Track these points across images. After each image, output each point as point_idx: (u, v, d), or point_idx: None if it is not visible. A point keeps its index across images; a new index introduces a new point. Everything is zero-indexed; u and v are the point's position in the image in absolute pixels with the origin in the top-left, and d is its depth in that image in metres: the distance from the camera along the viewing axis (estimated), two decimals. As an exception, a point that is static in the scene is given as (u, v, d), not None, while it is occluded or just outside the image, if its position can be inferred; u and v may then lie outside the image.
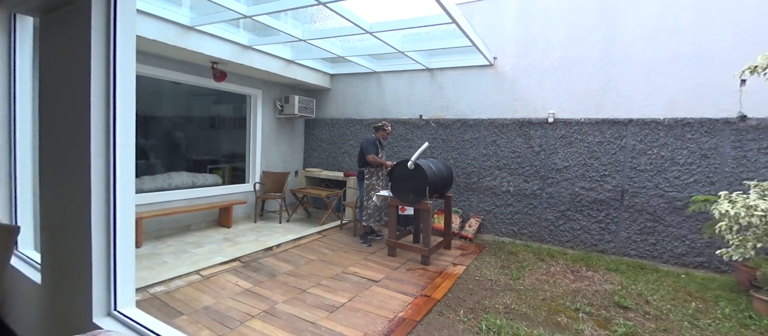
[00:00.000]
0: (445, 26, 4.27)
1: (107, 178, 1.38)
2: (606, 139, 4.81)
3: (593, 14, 4.80)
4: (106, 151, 1.39)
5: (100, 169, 1.36)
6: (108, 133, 1.39)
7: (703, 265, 4.36)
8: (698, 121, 4.32)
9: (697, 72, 4.30)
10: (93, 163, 1.35)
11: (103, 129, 1.38)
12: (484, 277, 3.98)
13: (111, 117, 1.40)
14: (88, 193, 1.32)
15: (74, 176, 1.39)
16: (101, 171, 1.37)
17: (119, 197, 1.41)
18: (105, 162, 1.38)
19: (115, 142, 1.40)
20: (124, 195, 1.43)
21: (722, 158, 4.23)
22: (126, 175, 1.44)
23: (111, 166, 1.39)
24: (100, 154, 1.36)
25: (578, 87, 4.93)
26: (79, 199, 1.36)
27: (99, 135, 1.37)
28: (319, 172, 6.75)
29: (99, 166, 1.36)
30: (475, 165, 5.70)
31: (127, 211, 1.44)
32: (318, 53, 5.73)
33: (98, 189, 1.35)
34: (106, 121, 1.39)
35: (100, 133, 1.38)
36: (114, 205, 1.39)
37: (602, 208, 4.87)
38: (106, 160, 1.38)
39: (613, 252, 4.82)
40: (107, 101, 1.38)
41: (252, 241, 5.05)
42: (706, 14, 4.22)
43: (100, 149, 1.37)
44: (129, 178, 1.46)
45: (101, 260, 1.38)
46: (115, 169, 1.39)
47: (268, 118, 6.57)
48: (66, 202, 1.47)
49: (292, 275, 3.82)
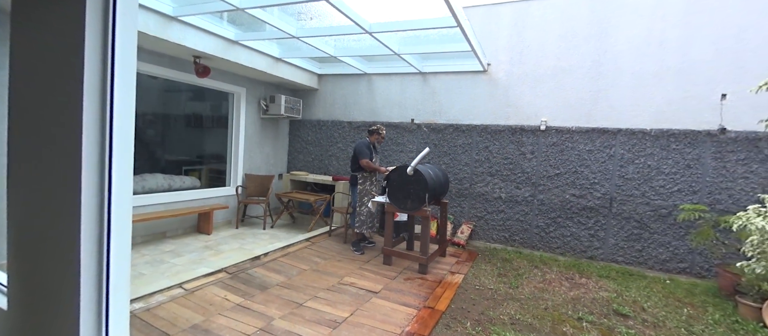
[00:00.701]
0: (447, 30, 4.20)
1: (101, 181, 1.13)
2: (596, 147, 4.92)
3: (585, 25, 4.90)
4: (100, 150, 1.14)
5: (92, 171, 1.11)
6: (104, 130, 1.14)
7: (686, 270, 4.54)
8: (682, 132, 4.50)
9: (682, 85, 4.48)
10: (84, 164, 1.09)
11: (97, 126, 1.13)
12: (483, 286, 3.92)
13: (107, 112, 1.15)
14: (78, 199, 1.06)
15: (59, 180, 1.13)
16: (94, 173, 1.11)
17: (115, 204, 1.16)
18: (99, 163, 1.13)
19: (111, 140, 1.15)
20: (121, 201, 1.18)
21: (704, 168, 4.43)
22: (123, 178, 1.19)
23: (106, 168, 1.14)
24: (93, 153, 1.11)
25: (570, 96, 5.02)
26: (65, 206, 1.09)
27: (92, 132, 1.12)
28: (305, 175, 6.49)
29: (91, 168, 1.11)
30: (467, 171, 5.67)
31: (123, 220, 1.19)
32: (308, 52, 5.50)
33: (90, 193, 1.10)
34: (101, 117, 1.14)
35: (94, 131, 1.13)
36: (108, 213, 1.15)
37: (592, 216, 4.97)
38: (101, 160, 1.13)
39: (601, 258, 4.93)
40: (103, 94, 1.13)
41: (236, 249, 4.72)
42: (691, 30, 4.41)
43: (93, 149, 1.11)
44: (126, 181, 1.21)
45: (92, 279, 1.13)
46: (111, 171, 1.15)
47: (252, 118, 6.23)
48: (45, 210, 1.20)
49: (286, 287, 3.58)
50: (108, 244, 1.12)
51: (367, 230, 4.81)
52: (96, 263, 1.10)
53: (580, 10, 4.92)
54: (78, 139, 1.04)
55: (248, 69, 5.35)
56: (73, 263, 1.09)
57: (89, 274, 1.11)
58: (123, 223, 1.16)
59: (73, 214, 1.05)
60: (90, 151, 1.07)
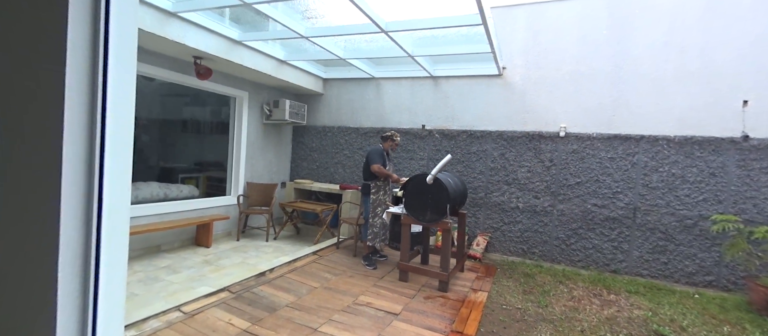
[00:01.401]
0: (467, 30, 3.97)
1: (89, 189, 0.80)
2: (618, 155, 4.71)
3: (605, 28, 4.73)
4: (88, 151, 0.81)
5: (77, 175, 0.78)
6: (92, 127, 0.81)
7: (712, 284, 4.32)
8: (706, 139, 4.32)
9: (704, 90, 4.32)
10: (65, 169, 0.76)
11: (83, 122, 0.80)
12: (510, 306, 3.64)
13: (98, 105, 0.82)
14: (56, 209, 0.74)
15: (27, 187, 0.79)
16: (79, 179, 0.78)
17: (107, 214, 0.81)
18: (86, 167, 0.80)
19: (103, 139, 0.82)
20: (115, 210, 0.83)
21: (728, 177, 4.24)
22: (118, 183, 0.84)
23: (96, 173, 0.80)
24: (76, 155, 0.78)
25: (590, 101, 4.82)
26: (37, 219, 0.77)
27: (76, 131, 0.79)
28: (309, 183, 6.17)
29: (75, 172, 0.78)
30: (482, 179, 5.42)
31: (117, 232, 0.84)
32: (315, 54, 5.22)
33: (72, 203, 0.77)
34: (89, 111, 0.81)
35: (78, 129, 0.80)
36: (98, 226, 0.80)
37: (615, 227, 4.74)
38: (89, 163, 0.80)
39: (625, 272, 4.70)
40: (93, 84, 0.81)
41: (238, 263, 4.37)
42: (711, 35, 4.26)
43: (77, 149, 0.79)
44: (122, 187, 0.85)
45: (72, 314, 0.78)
46: (102, 177, 0.81)
47: (254, 123, 5.91)
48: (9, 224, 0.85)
49: (296, 309, 3.24)
50: (97, 263, 0.78)
51: (379, 243, 4.50)
52: (79, 289, 0.76)
53: (599, 12, 4.75)
54: (57, 137, 0.72)
55: (251, 71, 5.05)
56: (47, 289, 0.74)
57: (69, 307, 0.77)
58: (117, 238, 0.82)
59: (48, 226, 0.72)
60: (73, 152, 0.75)
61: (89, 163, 0.75)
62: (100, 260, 0.77)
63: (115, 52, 0.80)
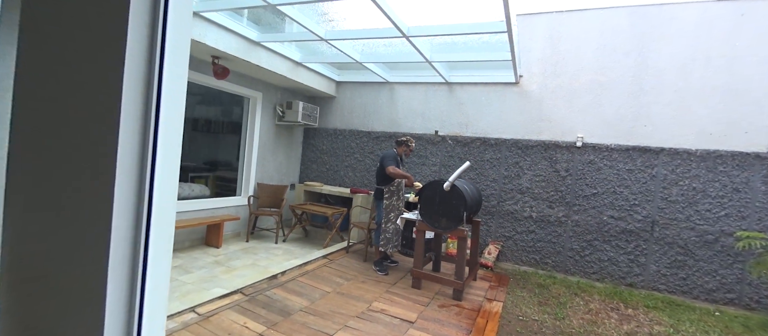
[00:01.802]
0: (489, 37, 3.94)
1: (139, 189, 0.76)
2: (636, 167, 4.63)
3: (625, 39, 4.68)
4: (141, 152, 0.77)
5: (129, 176, 0.74)
6: (145, 127, 0.78)
7: (733, 301, 4.22)
8: (730, 153, 4.24)
9: (729, 105, 4.24)
10: (119, 170, 0.73)
11: (136, 123, 0.77)
12: (527, 317, 3.56)
13: (152, 108, 0.79)
14: (109, 213, 0.70)
15: (83, 191, 0.76)
16: (131, 180, 0.75)
17: (156, 221, 0.78)
18: (138, 167, 0.76)
19: (156, 140, 0.79)
20: (164, 214, 0.80)
21: (753, 193, 4.15)
22: (167, 185, 0.81)
23: (147, 172, 0.77)
24: (129, 156, 0.75)
25: (609, 112, 4.76)
26: (88, 220, 0.73)
27: (130, 130, 0.76)
28: (319, 186, 6.13)
29: (128, 174, 0.74)
30: (495, 187, 5.35)
31: (165, 235, 0.81)
32: (331, 57, 5.21)
33: (124, 206, 0.73)
34: (144, 114, 0.78)
35: (133, 129, 0.77)
36: (147, 226, 0.76)
37: (631, 239, 4.65)
38: (141, 164, 0.77)
39: (641, 286, 4.60)
40: (147, 87, 0.78)
41: (249, 265, 4.33)
42: (738, 50, 4.19)
43: (130, 150, 0.75)
44: (171, 189, 0.83)
45: (119, 312, 0.74)
46: (152, 176, 0.77)
47: (267, 124, 5.90)
48: (61, 226, 0.82)
49: (310, 313, 3.19)
50: (145, 260, 0.75)
51: (391, 249, 4.44)
52: (127, 285, 0.73)
53: (620, 22, 4.70)
54: (112, 139, 0.70)
55: (267, 72, 5.04)
56: (95, 292, 0.71)
57: (117, 303, 0.73)
58: (163, 236, 0.79)
59: (101, 224, 0.69)
60: (127, 153, 0.73)
61: (141, 164, 0.72)
62: (148, 258, 0.73)
63: (170, 56, 0.78)
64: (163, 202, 0.74)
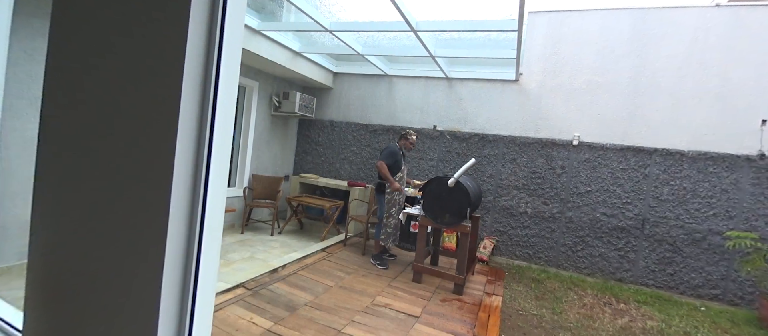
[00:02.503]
0: (497, 34, 3.93)
1: (194, 189, 0.72)
2: (630, 166, 4.76)
3: (624, 41, 4.76)
4: (195, 152, 0.73)
5: (185, 176, 0.70)
6: (201, 129, 0.75)
7: (718, 297, 4.42)
8: (721, 155, 4.40)
9: (721, 108, 4.39)
10: (177, 168, 0.69)
11: (193, 125, 0.74)
12: (526, 311, 3.64)
13: (208, 109, 0.76)
14: (165, 212, 0.66)
15: (135, 188, 0.70)
16: (186, 180, 0.71)
17: (209, 216, 0.74)
18: (193, 168, 0.72)
19: (211, 143, 0.75)
20: (215, 214, 0.77)
21: (741, 194, 4.34)
22: (219, 184, 0.78)
23: (202, 172, 0.72)
24: (185, 156, 0.71)
25: (605, 112, 4.85)
26: (141, 221, 0.68)
27: (187, 132, 0.73)
28: (315, 178, 6.06)
29: (184, 173, 0.70)
30: (492, 183, 5.41)
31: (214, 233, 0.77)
32: (332, 48, 5.11)
33: (180, 205, 0.69)
34: (200, 115, 0.75)
35: (190, 131, 0.74)
36: (201, 226, 0.72)
37: (622, 236, 4.80)
38: (196, 164, 0.73)
39: (630, 281, 4.76)
40: (203, 90, 0.74)
41: (247, 258, 4.25)
42: (734, 53, 4.33)
43: (186, 151, 0.71)
44: (221, 187, 0.80)
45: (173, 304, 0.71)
46: (207, 176, 0.73)
47: (263, 114, 5.76)
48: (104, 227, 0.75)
49: (316, 308, 3.16)
50: (197, 259, 0.71)
51: (391, 243, 4.44)
52: (180, 282, 0.70)
53: (620, 24, 4.78)
54: (171, 140, 0.67)
55: (266, 61, 4.91)
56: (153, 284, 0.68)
57: (170, 299, 0.70)
58: (214, 235, 0.76)
59: (158, 224, 0.65)
60: (183, 154, 0.71)
61: (196, 164, 0.69)
62: (201, 257, 0.70)
63: (226, 61, 0.76)
64: (215, 204, 0.70)
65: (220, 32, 0.74)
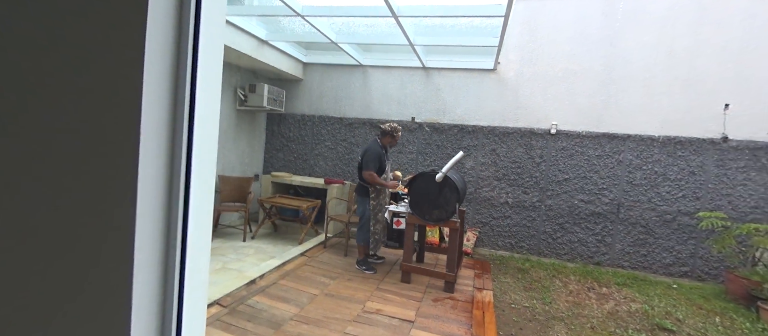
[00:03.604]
0: (479, 20, 3.77)
1: (169, 189, 0.57)
2: (605, 153, 4.86)
3: (598, 29, 4.81)
4: (169, 149, 0.57)
5: (155, 175, 0.55)
6: (174, 122, 0.57)
7: (687, 274, 4.65)
8: (688, 139, 4.59)
9: (689, 93, 4.57)
10: (142, 175, 0.52)
11: (163, 117, 0.56)
12: (518, 304, 3.59)
13: (185, 98, 0.59)
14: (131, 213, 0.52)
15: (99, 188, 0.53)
16: (158, 179, 0.56)
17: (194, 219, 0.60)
18: (167, 167, 0.57)
19: (191, 141, 0.58)
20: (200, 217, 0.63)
21: (707, 175, 4.56)
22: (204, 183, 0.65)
23: (181, 172, 0.58)
24: (155, 154, 0.55)
25: (581, 100, 4.90)
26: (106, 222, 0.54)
27: (155, 126, 0.53)
28: (289, 177, 5.68)
29: (154, 172, 0.55)
30: (473, 174, 5.34)
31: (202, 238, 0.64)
32: (302, 35, 4.74)
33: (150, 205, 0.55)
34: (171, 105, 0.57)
35: (158, 124, 0.55)
36: (184, 230, 0.59)
37: (599, 221, 4.91)
38: (170, 163, 0.57)
39: (608, 264, 4.90)
40: (175, 79, 0.56)
41: (219, 269, 3.87)
42: (699, 41, 4.50)
43: (155, 148, 0.54)
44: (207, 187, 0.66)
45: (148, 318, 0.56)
46: (189, 176, 0.58)
47: (227, 109, 5.28)
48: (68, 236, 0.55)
49: (303, 322, 2.89)
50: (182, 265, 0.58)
51: (380, 247, 4.22)
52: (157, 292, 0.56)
53: (594, 12, 4.81)
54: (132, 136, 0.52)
55: (229, 51, 4.44)
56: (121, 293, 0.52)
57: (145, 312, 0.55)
58: (201, 240, 0.62)
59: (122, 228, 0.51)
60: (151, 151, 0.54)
61: (170, 163, 0.56)
62: (185, 263, 0.58)
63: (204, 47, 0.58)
64: (200, 201, 0.59)
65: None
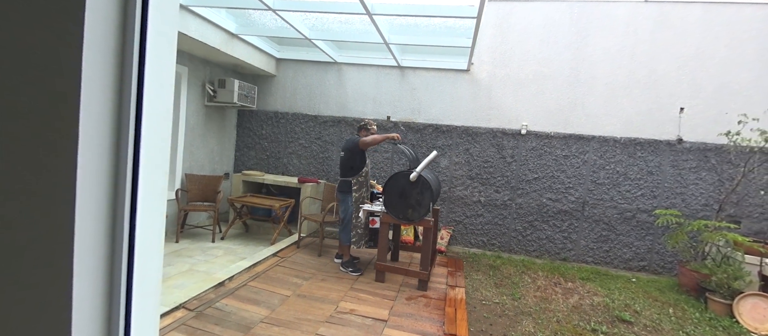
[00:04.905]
0: (453, 21, 3.81)
1: (114, 190, 0.54)
2: (572, 153, 5.06)
3: (566, 33, 4.98)
4: (113, 149, 0.53)
5: (96, 176, 0.52)
6: (118, 120, 0.54)
7: (645, 268, 4.93)
8: (647, 141, 4.86)
9: (648, 96, 4.83)
10: (81, 169, 0.49)
11: (105, 115, 0.52)
12: (489, 300, 3.67)
13: (130, 98, 0.55)
14: (70, 214, 0.48)
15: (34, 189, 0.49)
16: (100, 179, 0.53)
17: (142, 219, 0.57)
18: (110, 167, 0.53)
19: (138, 137, 0.55)
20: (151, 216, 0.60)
21: (663, 175, 4.84)
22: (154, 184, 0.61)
23: (126, 171, 0.55)
24: (96, 154, 0.51)
25: (550, 102, 5.07)
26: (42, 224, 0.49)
27: (95, 124, 0.49)
28: (261, 175, 5.53)
29: (95, 172, 0.52)
30: (447, 174, 5.41)
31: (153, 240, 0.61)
32: (274, 29, 4.62)
33: (91, 206, 0.51)
34: (115, 103, 0.54)
35: (99, 122, 0.51)
36: (131, 231, 0.55)
37: (566, 219, 5.11)
38: (115, 163, 0.54)
39: (573, 259, 5.11)
40: (120, 73, 0.53)
41: (185, 271, 3.71)
42: (658, 45, 4.76)
43: (97, 147, 0.51)
44: (158, 188, 0.62)
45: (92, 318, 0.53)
46: (136, 177, 0.55)
47: (194, 104, 5.07)
48: None
49: (274, 324, 2.82)
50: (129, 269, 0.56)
51: (364, 245, 4.19)
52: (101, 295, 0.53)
53: (562, 16, 4.98)
54: (70, 135, 0.49)
55: (196, 43, 4.27)
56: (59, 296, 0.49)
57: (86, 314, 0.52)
58: (152, 242, 0.60)
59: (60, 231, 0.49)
60: (92, 151, 0.51)
61: (115, 163, 0.53)
62: (133, 269, 0.55)
63: (153, 34, 0.55)
64: (150, 201, 0.57)
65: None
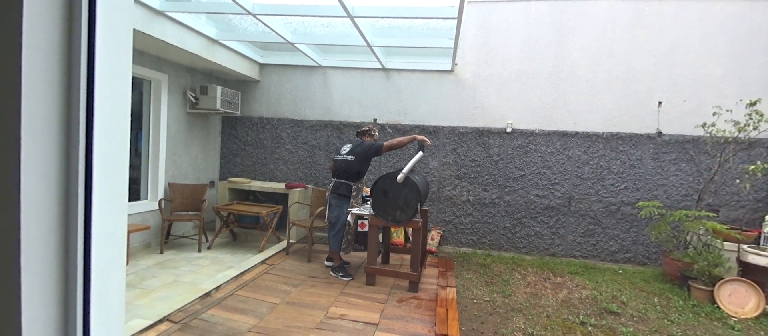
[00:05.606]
0: (435, 22, 3.83)
1: (65, 191, 0.51)
2: (556, 149, 5.13)
3: (546, 32, 5.07)
4: (63, 148, 0.51)
5: (45, 177, 0.49)
6: (67, 117, 0.51)
7: (631, 259, 5.03)
8: (628, 135, 4.96)
9: (628, 92, 4.94)
10: (26, 170, 0.46)
11: (52, 111, 0.50)
12: (479, 299, 3.68)
13: (80, 91, 0.53)
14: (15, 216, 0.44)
15: None
16: (49, 181, 0.50)
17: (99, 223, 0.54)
18: (60, 167, 0.51)
19: (90, 133, 0.53)
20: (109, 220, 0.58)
21: (645, 168, 4.95)
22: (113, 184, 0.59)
23: (78, 172, 0.52)
24: (44, 154, 0.48)
25: (534, 100, 5.14)
26: None
27: (41, 122, 0.47)
28: (247, 182, 5.45)
29: (43, 173, 0.49)
30: (435, 174, 5.43)
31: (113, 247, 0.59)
32: (255, 34, 4.56)
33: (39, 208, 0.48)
34: (63, 97, 0.52)
35: (44, 120, 0.49)
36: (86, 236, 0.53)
37: (553, 215, 5.18)
38: (65, 163, 0.51)
39: (562, 254, 5.18)
40: (67, 71, 0.51)
41: (170, 283, 3.62)
42: (635, 42, 4.88)
43: (44, 147, 0.48)
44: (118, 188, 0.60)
45: None
46: (89, 177, 0.52)
47: (176, 112, 4.97)
48: None
49: (262, 333, 2.77)
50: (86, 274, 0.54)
51: (351, 249, 4.15)
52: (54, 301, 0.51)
53: (542, 15, 5.06)
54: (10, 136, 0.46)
55: (175, 50, 4.19)
56: None
57: None
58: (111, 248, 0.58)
59: None
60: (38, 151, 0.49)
61: (65, 163, 0.51)
62: (90, 281, 0.53)
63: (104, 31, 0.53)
64: (108, 208, 0.55)
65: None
